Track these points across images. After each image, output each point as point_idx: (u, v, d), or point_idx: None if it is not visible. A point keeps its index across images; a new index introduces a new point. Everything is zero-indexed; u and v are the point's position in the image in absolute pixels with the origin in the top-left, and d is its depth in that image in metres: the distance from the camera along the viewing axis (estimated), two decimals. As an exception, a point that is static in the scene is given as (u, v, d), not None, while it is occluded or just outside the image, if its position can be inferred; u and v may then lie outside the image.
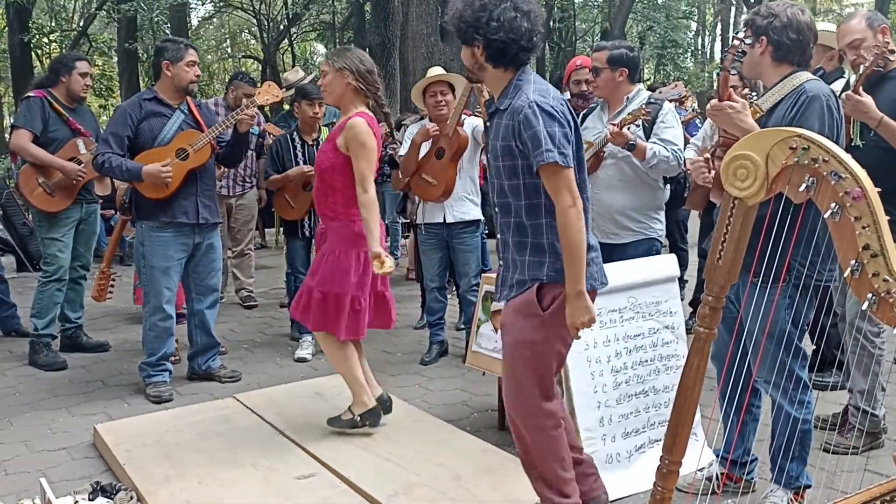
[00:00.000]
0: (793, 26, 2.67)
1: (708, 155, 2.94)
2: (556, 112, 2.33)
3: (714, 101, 2.72)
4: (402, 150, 4.93)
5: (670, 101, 3.89)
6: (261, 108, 5.82)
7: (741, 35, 2.72)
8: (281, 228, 6.86)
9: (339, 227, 3.45)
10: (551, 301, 2.43)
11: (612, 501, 2.98)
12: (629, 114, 3.62)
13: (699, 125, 6.16)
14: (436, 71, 4.95)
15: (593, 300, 2.45)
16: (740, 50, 2.69)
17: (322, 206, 3.51)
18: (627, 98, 3.79)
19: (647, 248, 3.78)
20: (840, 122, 2.66)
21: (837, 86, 3.62)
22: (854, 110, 3.13)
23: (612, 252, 3.75)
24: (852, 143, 3.34)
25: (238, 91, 5.91)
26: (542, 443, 2.53)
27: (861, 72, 3.15)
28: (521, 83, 2.42)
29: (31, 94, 4.84)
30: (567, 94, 5.03)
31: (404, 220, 7.49)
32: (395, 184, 5.18)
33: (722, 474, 3.00)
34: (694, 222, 6.10)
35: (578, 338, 2.47)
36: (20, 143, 4.72)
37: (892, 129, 3.12)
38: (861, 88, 3.13)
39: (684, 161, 3.61)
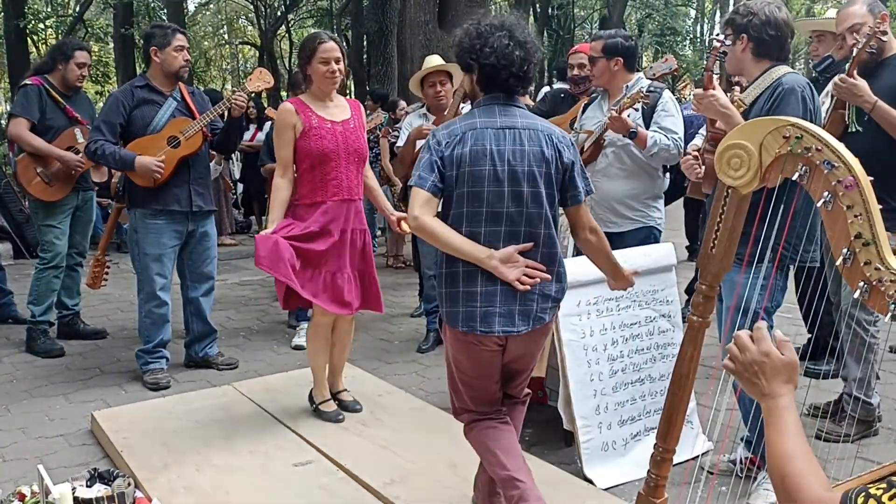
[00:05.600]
0: (771, 23, 2.82)
1: (696, 153, 3.04)
2: (431, 141, 2.41)
3: (697, 91, 2.88)
4: (401, 142, 4.93)
5: (664, 74, 3.89)
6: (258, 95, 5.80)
7: (721, 37, 2.89)
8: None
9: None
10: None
11: (607, 489, 3.01)
12: (627, 97, 3.62)
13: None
14: (434, 60, 4.93)
15: (457, 338, 2.44)
16: (721, 51, 2.87)
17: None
18: (626, 87, 3.79)
19: (645, 235, 3.78)
20: (816, 112, 2.79)
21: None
22: (849, 94, 3.15)
23: (611, 240, 3.73)
24: (848, 130, 3.35)
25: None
26: (469, 441, 2.59)
27: (854, 55, 3.16)
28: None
29: (28, 81, 4.82)
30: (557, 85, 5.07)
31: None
32: (396, 172, 5.20)
33: (747, 458, 3.03)
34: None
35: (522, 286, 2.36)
36: (17, 131, 4.70)
37: (887, 113, 3.13)
38: (855, 73, 3.15)
39: (684, 149, 3.63)
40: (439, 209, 2.42)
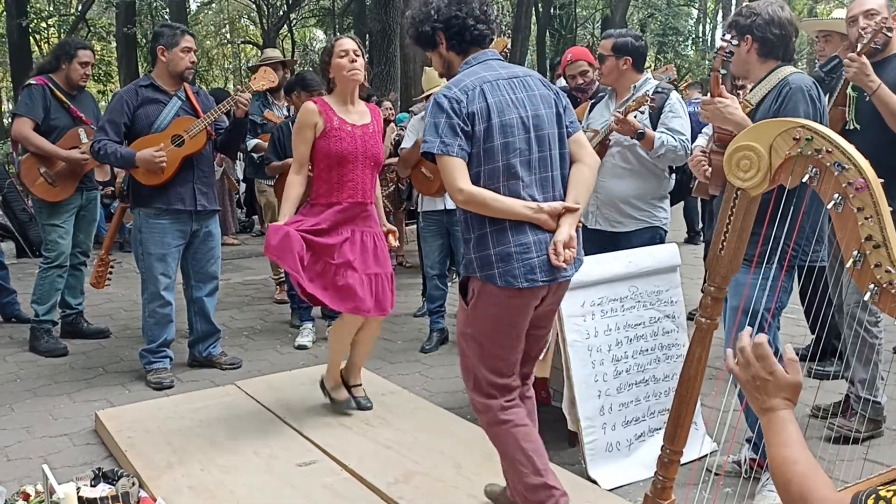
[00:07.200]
0: (775, 22, 2.82)
1: (703, 153, 3.04)
2: (445, 103, 2.31)
3: (705, 98, 2.85)
4: (406, 143, 4.92)
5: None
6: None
7: (728, 37, 2.85)
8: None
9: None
10: (472, 294, 2.41)
11: (611, 490, 3.00)
12: (633, 101, 3.62)
13: None
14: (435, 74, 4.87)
15: (510, 298, 2.34)
16: (728, 51, 2.83)
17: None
18: (634, 86, 3.79)
19: (650, 236, 3.78)
20: (823, 112, 2.80)
21: None
22: (859, 72, 3.16)
23: (616, 240, 3.76)
24: (847, 127, 3.36)
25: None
26: (493, 438, 2.50)
27: (864, 43, 3.17)
28: (459, 72, 2.46)
29: (32, 81, 4.82)
30: (561, 82, 5.05)
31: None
32: (400, 172, 5.22)
33: (752, 460, 3.03)
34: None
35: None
36: (22, 131, 4.70)
37: (888, 97, 3.16)
38: (863, 56, 3.18)
39: (692, 151, 3.63)
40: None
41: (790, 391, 1.40)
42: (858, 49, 3.19)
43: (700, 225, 8.62)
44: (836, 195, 1.66)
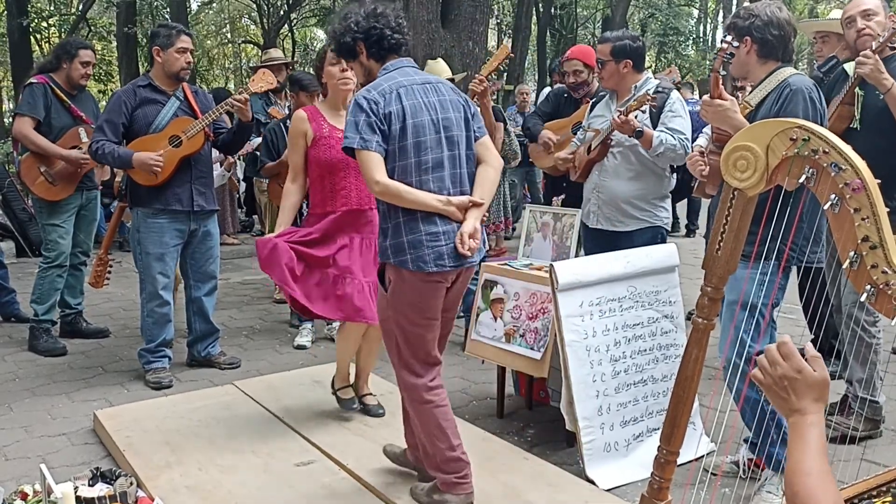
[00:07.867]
0: (774, 23, 2.82)
1: (700, 152, 3.04)
2: (364, 103, 2.54)
3: (705, 98, 2.85)
4: None
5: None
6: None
7: (728, 38, 2.86)
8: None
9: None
10: (390, 281, 2.64)
11: (609, 490, 3.00)
12: (634, 100, 3.61)
13: None
14: (438, 67, 4.87)
15: (422, 282, 2.56)
16: (728, 52, 2.86)
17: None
18: (635, 87, 3.78)
19: (651, 235, 3.78)
20: (823, 113, 2.80)
21: (850, 66, 3.62)
22: (874, 69, 3.16)
23: (618, 240, 3.76)
24: (851, 125, 3.36)
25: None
26: (416, 415, 2.74)
27: (881, 41, 3.18)
28: (378, 76, 2.69)
29: (33, 79, 4.81)
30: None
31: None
32: None
33: (749, 460, 3.03)
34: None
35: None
36: (23, 130, 4.70)
37: None
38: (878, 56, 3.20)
39: (692, 150, 3.63)
40: None
41: (819, 389, 1.37)
42: (874, 47, 3.19)
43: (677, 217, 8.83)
44: (833, 196, 1.66)
